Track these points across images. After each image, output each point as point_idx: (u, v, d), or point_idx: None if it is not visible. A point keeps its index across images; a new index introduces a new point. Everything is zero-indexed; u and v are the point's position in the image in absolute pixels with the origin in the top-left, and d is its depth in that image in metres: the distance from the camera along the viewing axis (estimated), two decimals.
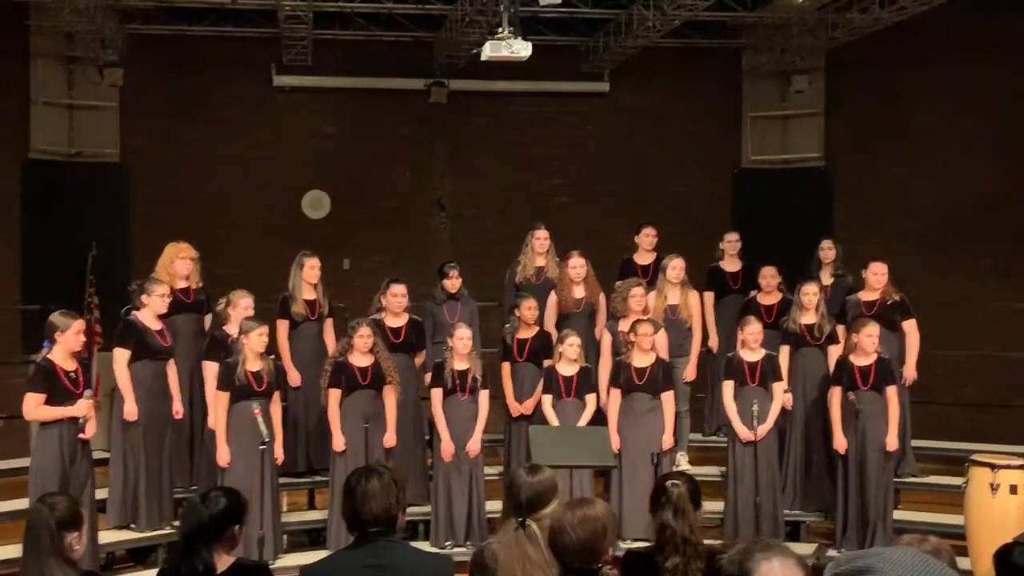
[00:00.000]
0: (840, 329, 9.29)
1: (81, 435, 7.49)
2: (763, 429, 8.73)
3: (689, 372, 9.96)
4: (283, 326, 9.36)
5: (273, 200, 12.99)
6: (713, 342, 10.34)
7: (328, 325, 9.51)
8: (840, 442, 8.73)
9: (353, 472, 4.40)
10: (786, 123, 13.17)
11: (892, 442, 8.64)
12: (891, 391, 8.73)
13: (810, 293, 9.36)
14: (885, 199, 12.53)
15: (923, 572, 2.17)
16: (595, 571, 3.88)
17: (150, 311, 8.47)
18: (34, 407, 7.40)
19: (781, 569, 2.69)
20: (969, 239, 12.03)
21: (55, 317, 7.49)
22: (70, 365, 7.47)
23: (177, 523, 8.49)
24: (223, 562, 4.45)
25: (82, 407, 7.44)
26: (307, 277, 9.37)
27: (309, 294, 9.41)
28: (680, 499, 4.58)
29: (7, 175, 11.97)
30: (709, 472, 9.48)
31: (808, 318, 9.39)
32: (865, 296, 9.53)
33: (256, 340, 8.18)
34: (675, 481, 4.67)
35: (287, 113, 13.18)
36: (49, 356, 7.43)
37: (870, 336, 8.64)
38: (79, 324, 7.52)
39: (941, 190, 12.26)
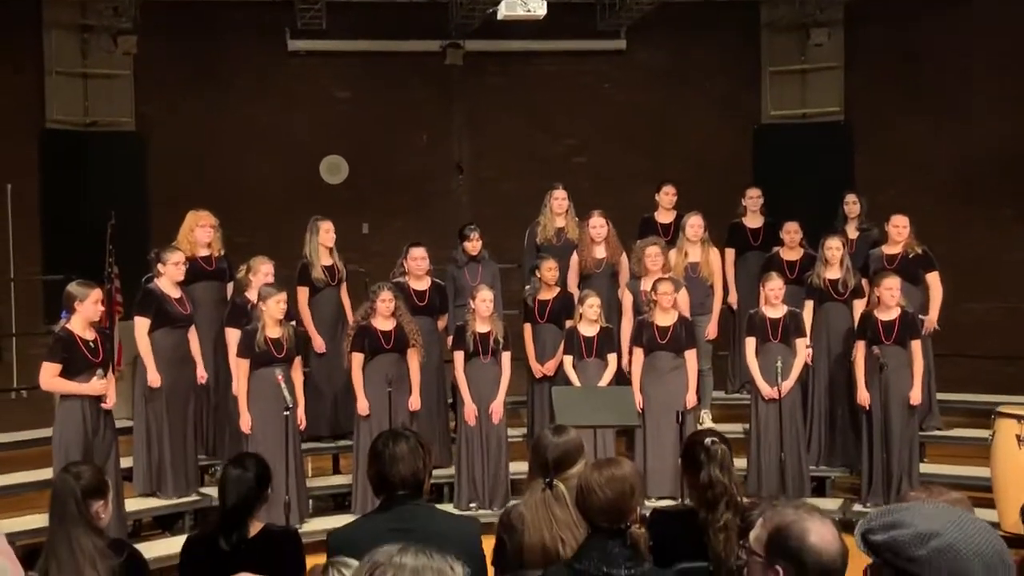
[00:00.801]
0: (865, 283, 9.24)
1: (103, 405, 7.51)
2: (786, 385, 8.70)
3: (711, 330, 9.92)
4: (303, 293, 9.36)
5: (290, 166, 12.94)
6: (733, 299, 10.30)
7: (343, 289, 9.50)
8: (864, 396, 8.70)
9: (380, 435, 4.39)
10: (805, 77, 13.02)
11: (916, 396, 8.61)
12: (915, 345, 8.69)
13: (833, 247, 9.30)
14: (905, 152, 12.41)
15: (954, 523, 2.15)
16: (623, 530, 3.87)
17: (168, 279, 8.47)
18: (50, 377, 7.40)
19: (828, 528, 2.69)
20: (991, 190, 11.92)
21: (73, 287, 7.49)
22: (89, 335, 7.47)
23: (203, 490, 8.60)
24: (253, 527, 4.47)
25: (96, 386, 7.44)
26: (323, 241, 9.36)
27: (327, 259, 9.39)
28: (724, 456, 4.55)
29: (24, 146, 11.94)
30: (732, 429, 9.43)
31: (832, 273, 9.33)
32: (888, 249, 9.47)
33: (274, 307, 8.17)
34: (714, 439, 4.63)
35: (302, 78, 13.11)
36: (68, 326, 7.43)
37: (889, 289, 8.59)
38: (97, 293, 7.51)
39: (962, 141, 12.13)
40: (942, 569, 2.11)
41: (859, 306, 9.20)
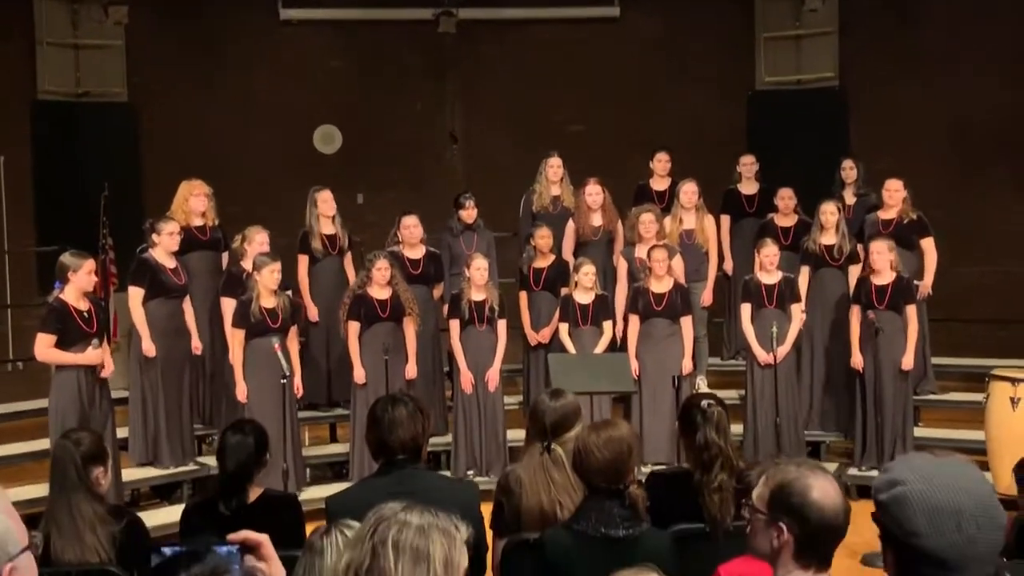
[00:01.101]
0: (861, 249, 9.24)
1: (102, 373, 7.52)
2: (782, 351, 8.72)
3: (706, 297, 9.94)
4: (303, 261, 9.39)
5: (284, 136, 12.90)
6: (728, 266, 10.31)
7: (348, 259, 9.51)
8: (857, 360, 8.73)
9: (378, 400, 4.41)
10: (799, 43, 12.97)
11: (908, 361, 8.61)
12: (910, 310, 8.68)
13: (828, 212, 9.30)
14: (901, 117, 12.38)
15: (928, 476, 2.19)
16: (621, 491, 3.89)
17: (163, 249, 8.46)
18: (45, 348, 7.40)
19: (830, 484, 2.72)
20: (987, 154, 11.90)
21: (66, 257, 7.48)
22: (83, 305, 7.46)
23: (200, 459, 8.63)
24: (252, 492, 4.50)
25: (91, 356, 7.44)
26: (322, 211, 9.38)
27: (328, 228, 9.41)
28: (720, 417, 4.58)
29: (16, 118, 11.89)
30: (728, 395, 9.42)
31: (828, 238, 9.33)
32: (883, 214, 9.48)
33: (268, 277, 8.16)
34: (710, 401, 4.66)
35: (294, 47, 13.06)
36: (61, 296, 7.42)
37: (879, 253, 8.59)
38: (90, 264, 7.50)
39: (957, 106, 12.10)
40: (893, 516, 2.17)
41: (854, 272, 9.21)
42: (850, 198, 10.08)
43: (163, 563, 1.79)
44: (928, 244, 9.49)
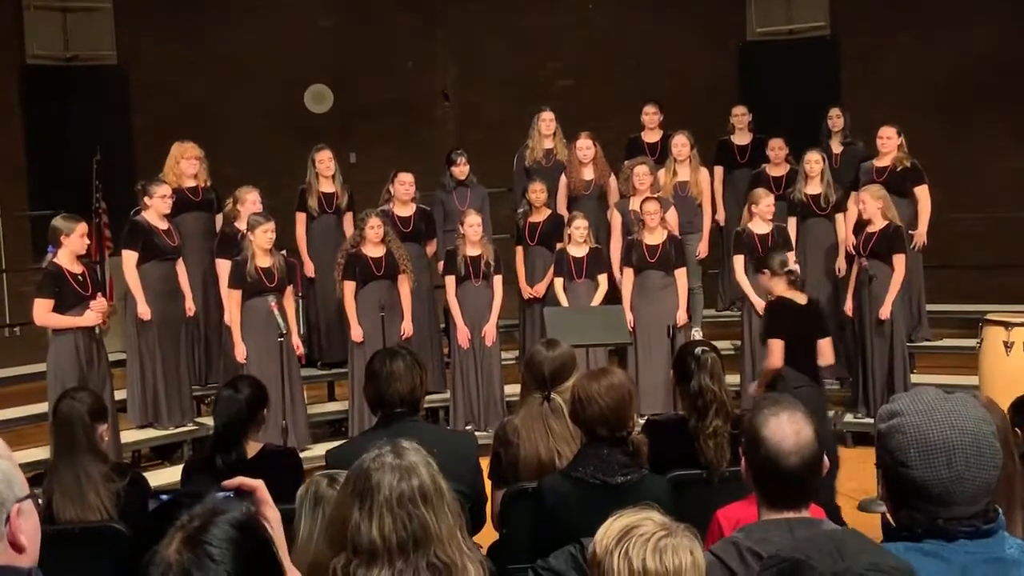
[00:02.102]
0: (854, 197, 9.25)
1: (101, 324, 7.54)
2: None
3: (702, 248, 9.96)
4: (301, 219, 9.44)
5: (275, 96, 12.85)
6: (720, 216, 10.32)
7: (348, 218, 9.52)
8: (848, 306, 8.78)
9: (376, 354, 4.44)
10: None
11: (884, 311, 8.57)
12: (896, 260, 8.65)
13: (812, 161, 9.31)
14: (894, 66, 12.34)
15: (928, 410, 2.23)
16: (623, 438, 3.92)
17: (155, 212, 8.46)
18: (43, 312, 7.41)
19: (789, 424, 2.75)
20: (981, 101, 11.86)
21: (58, 221, 7.49)
22: (77, 268, 7.48)
23: (199, 419, 8.67)
24: (251, 448, 4.53)
25: (89, 318, 7.46)
26: (320, 170, 9.41)
27: (327, 187, 9.43)
28: (715, 364, 4.61)
29: (5, 83, 11.83)
30: (723, 346, 9.45)
31: (813, 188, 9.35)
32: (877, 163, 9.48)
33: (262, 237, 8.16)
34: (704, 348, 4.68)
35: (285, 6, 12.97)
36: (56, 260, 7.43)
37: (863, 203, 8.61)
38: (83, 227, 7.50)
39: (950, 53, 12.05)
40: (886, 446, 2.22)
41: (841, 221, 9.23)
42: (837, 147, 10.09)
43: (162, 506, 1.83)
44: (922, 192, 9.48)
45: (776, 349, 6.89)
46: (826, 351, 7.10)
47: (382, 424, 4.33)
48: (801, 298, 7.09)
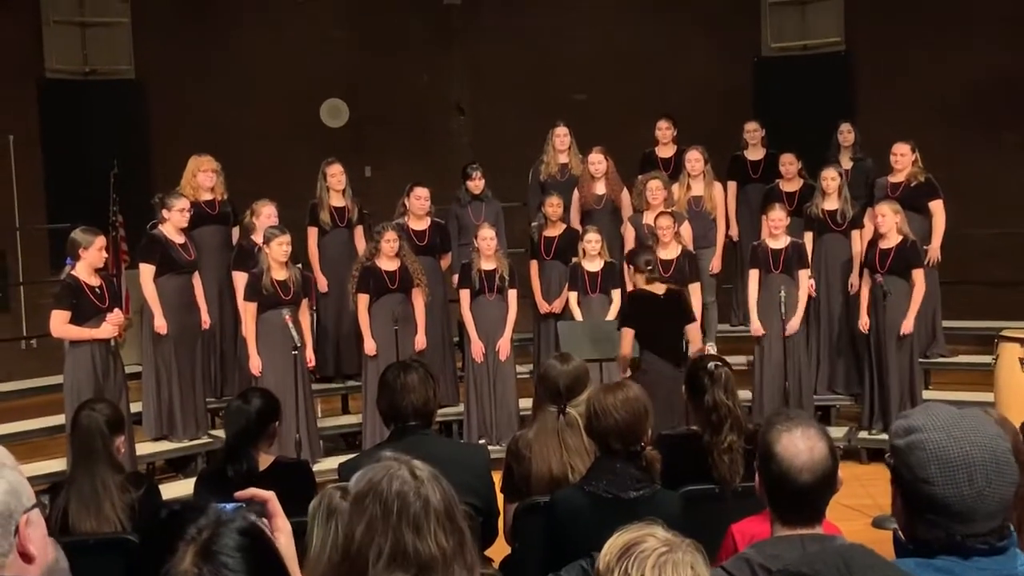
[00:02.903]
0: (870, 213, 9.24)
1: (116, 337, 7.58)
2: (793, 324, 8.75)
3: (715, 263, 9.97)
4: (312, 233, 9.45)
5: (291, 110, 12.91)
6: (733, 231, 10.32)
7: (359, 232, 9.54)
8: (863, 322, 8.76)
9: (389, 367, 4.45)
10: (805, 8, 12.94)
11: (907, 325, 8.59)
12: (916, 274, 8.67)
13: (828, 178, 9.31)
14: (908, 81, 12.34)
15: (947, 426, 2.22)
16: (638, 452, 3.92)
17: (173, 225, 8.50)
18: (60, 324, 7.45)
19: (803, 440, 2.74)
20: (994, 116, 11.85)
21: (77, 234, 7.53)
22: (95, 281, 7.53)
23: (214, 432, 8.70)
24: (263, 461, 4.54)
25: (106, 330, 7.50)
26: (331, 184, 9.42)
27: (337, 201, 9.45)
28: (727, 379, 4.60)
29: (24, 97, 11.92)
30: (737, 361, 9.46)
31: (830, 204, 9.35)
32: (892, 178, 9.49)
33: (277, 250, 8.19)
34: (716, 363, 4.68)
35: (301, 22, 13.05)
36: (73, 272, 7.48)
37: (883, 216, 8.61)
38: (101, 240, 7.55)
39: (964, 68, 12.04)
40: (905, 462, 2.21)
41: (857, 236, 9.23)
42: (846, 163, 10.10)
43: (169, 515, 1.85)
44: (937, 207, 9.47)
45: (625, 338, 7.72)
46: (693, 336, 7.92)
47: (395, 437, 4.34)
48: (659, 289, 7.82)
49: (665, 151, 10.36)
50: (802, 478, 2.72)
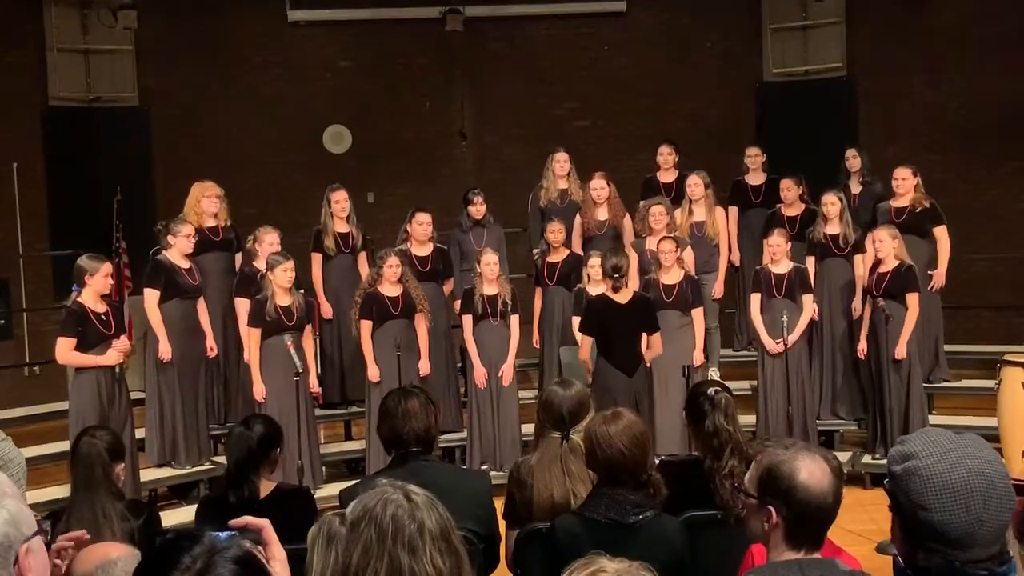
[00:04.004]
0: (871, 237, 9.24)
1: (120, 365, 7.58)
2: (792, 338, 8.74)
3: (717, 289, 9.97)
4: (316, 260, 9.45)
5: (294, 136, 12.97)
6: (735, 257, 10.32)
7: (362, 258, 9.55)
8: (861, 347, 8.76)
9: (390, 393, 4.45)
10: (807, 34, 12.99)
11: (900, 351, 8.57)
12: (911, 299, 8.65)
13: (829, 203, 9.32)
14: (910, 106, 12.39)
15: (943, 452, 2.21)
16: (644, 481, 3.91)
17: (177, 251, 8.52)
18: (66, 351, 7.47)
19: (818, 464, 2.73)
20: (996, 142, 11.88)
21: (83, 261, 7.55)
22: (100, 308, 7.54)
23: (216, 458, 8.69)
24: (265, 487, 4.53)
25: (112, 357, 7.51)
26: (335, 211, 9.43)
27: (341, 227, 9.45)
28: (728, 404, 4.59)
29: (28, 124, 11.99)
30: (740, 386, 9.49)
31: (832, 228, 9.36)
32: (895, 203, 9.50)
33: (281, 276, 8.20)
34: (716, 388, 4.67)
35: (303, 48, 13.12)
36: (79, 300, 7.50)
37: (881, 241, 8.61)
38: (107, 267, 7.58)
39: (966, 94, 12.10)
40: (903, 488, 2.20)
41: (859, 261, 9.23)
42: (855, 187, 10.09)
43: (162, 545, 1.82)
44: (941, 232, 9.48)
45: (584, 345, 8.17)
46: (654, 345, 8.14)
47: (397, 463, 4.33)
48: (623, 297, 7.99)
49: (667, 176, 10.38)
50: (828, 501, 2.71)
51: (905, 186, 9.39)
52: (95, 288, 7.48)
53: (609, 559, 2.23)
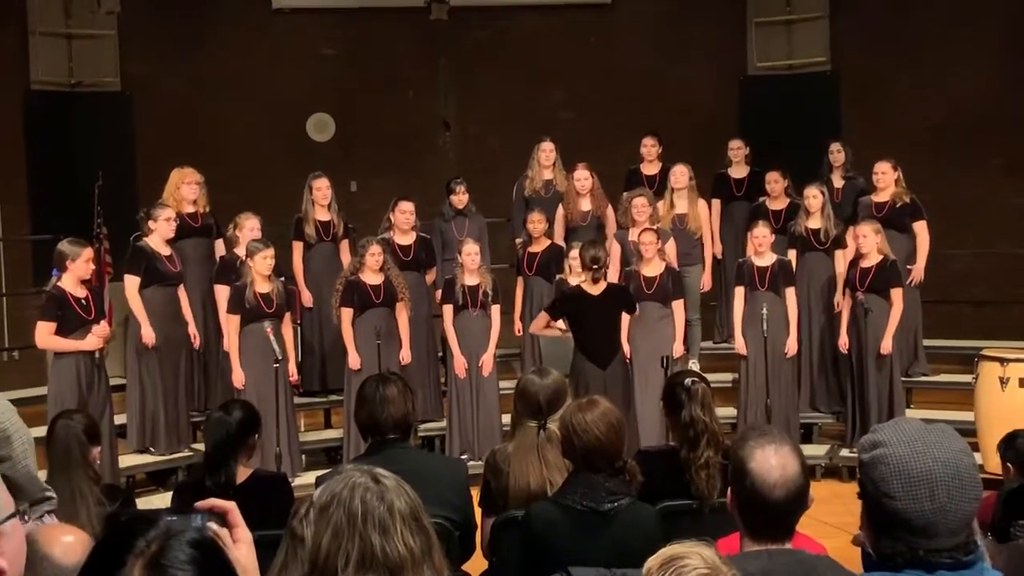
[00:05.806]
0: (851, 231, 9.27)
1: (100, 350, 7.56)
2: (792, 342, 8.83)
3: (705, 281, 10.01)
4: (298, 247, 9.44)
5: (277, 124, 12.92)
6: (718, 250, 10.34)
7: (344, 246, 9.54)
8: (843, 341, 8.79)
9: (367, 380, 4.45)
10: (791, 27, 13.00)
11: (886, 345, 8.62)
12: (895, 294, 8.69)
13: (811, 196, 9.34)
14: (893, 101, 12.41)
15: (912, 440, 2.23)
16: (620, 468, 3.92)
17: (158, 236, 8.49)
18: (46, 335, 7.45)
19: (775, 456, 2.74)
20: (979, 138, 11.92)
21: (64, 245, 7.53)
22: (80, 292, 7.52)
23: (195, 445, 8.67)
24: (242, 473, 4.53)
25: (91, 342, 7.50)
26: (316, 199, 9.42)
27: (323, 215, 9.44)
28: (704, 395, 4.61)
29: (9, 108, 11.90)
30: (721, 379, 9.51)
31: (813, 222, 9.38)
32: (876, 198, 9.52)
33: (261, 263, 8.19)
34: (693, 379, 4.69)
35: (287, 36, 13.07)
36: (59, 284, 7.47)
37: (864, 236, 8.65)
38: (88, 252, 7.56)
39: (949, 90, 12.13)
40: (869, 476, 2.23)
41: (840, 256, 9.26)
42: (838, 181, 10.11)
43: (118, 527, 1.78)
44: (921, 227, 9.51)
45: (539, 319, 8.41)
46: (625, 325, 8.39)
47: (373, 450, 4.33)
48: (596, 289, 8.12)
49: (650, 168, 10.39)
50: (775, 494, 2.72)
51: (885, 180, 9.41)
52: (76, 273, 7.46)
53: (715, 552, 2.23)
